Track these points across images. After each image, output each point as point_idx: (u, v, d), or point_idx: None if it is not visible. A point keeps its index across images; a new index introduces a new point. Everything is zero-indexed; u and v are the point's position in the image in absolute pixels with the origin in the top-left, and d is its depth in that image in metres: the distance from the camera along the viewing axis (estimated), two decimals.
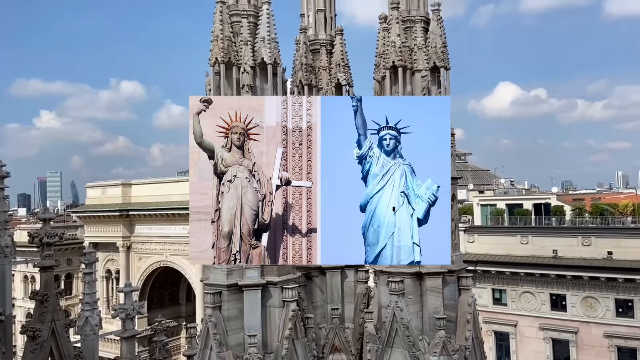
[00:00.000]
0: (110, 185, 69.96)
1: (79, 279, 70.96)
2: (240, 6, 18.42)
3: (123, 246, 66.67)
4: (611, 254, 46.13)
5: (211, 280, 17.36)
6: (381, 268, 18.63)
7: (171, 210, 61.56)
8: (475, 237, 51.46)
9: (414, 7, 19.69)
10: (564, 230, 51.82)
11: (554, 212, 55.89)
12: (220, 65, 17.51)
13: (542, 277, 48.31)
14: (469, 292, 19.02)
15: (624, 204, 60.64)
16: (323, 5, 23.15)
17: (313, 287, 21.40)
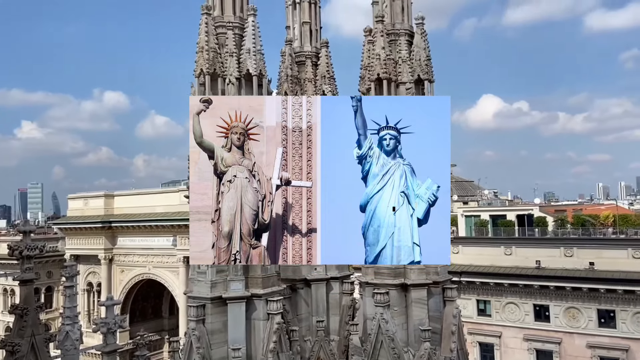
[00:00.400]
0: (92, 197, 69.21)
1: (59, 292, 70.04)
2: (225, 18, 18.52)
3: (105, 258, 65.88)
4: (593, 265, 46.53)
5: (195, 293, 17.17)
6: (366, 280, 18.72)
7: (155, 221, 61.02)
8: (460, 248, 51.66)
9: (398, 21, 19.96)
10: (547, 241, 52.18)
11: (536, 223, 56.36)
12: (206, 77, 17.51)
13: (526, 287, 48.52)
14: (454, 304, 19.10)
15: (605, 215, 61.30)
16: (308, 17, 23.34)
17: (298, 299, 21.34)
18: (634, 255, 46.09)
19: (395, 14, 19.96)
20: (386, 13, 19.85)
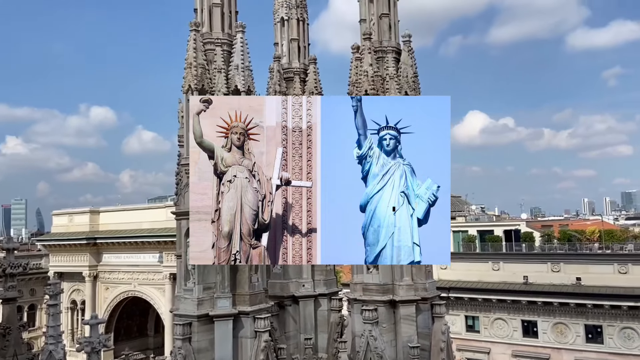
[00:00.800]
0: (77, 213, 68.64)
1: (42, 310, 69.14)
2: (214, 34, 18.59)
3: (89, 276, 65.22)
4: (580, 280, 46.94)
5: (181, 310, 16.93)
6: (354, 296, 18.72)
7: (140, 237, 60.61)
8: None
9: (385, 38, 20.24)
10: (534, 256, 52.50)
11: (523, 238, 56.71)
12: (194, 92, 17.41)
13: (514, 303, 48.74)
14: (443, 320, 19.11)
15: (591, 230, 61.95)
16: (297, 34, 23.50)
17: (286, 317, 21.23)
18: (620, 271, 46.56)
19: (383, 31, 20.25)
20: (374, 31, 20.17)
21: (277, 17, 23.67)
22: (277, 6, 23.78)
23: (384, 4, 20.36)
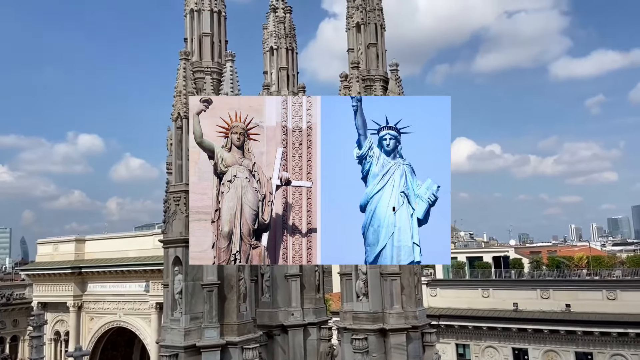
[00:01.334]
0: (62, 241, 67.61)
1: (25, 341, 67.77)
2: (204, 63, 18.86)
3: (74, 306, 63.97)
4: (569, 307, 46.95)
5: (167, 341, 16.74)
6: (344, 325, 18.62)
7: (127, 266, 59.83)
8: (438, 290, 51.72)
9: (373, 67, 20.64)
10: (523, 283, 52.65)
11: (512, 264, 56.91)
12: (183, 120, 17.58)
13: (504, 330, 48.55)
14: (433, 349, 19.09)
15: (579, 256, 62.31)
16: (285, 63, 23.84)
17: (275, 347, 21.05)
18: (609, 297, 46.66)
19: (371, 60, 20.60)
20: (361, 60, 20.52)
21: (267, 47, 24.07)
22: (267, 36, 24.21)
23: (372, 34, 20.78)
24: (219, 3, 19.57)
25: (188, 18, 19.37)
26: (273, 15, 24.29)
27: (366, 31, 20.71)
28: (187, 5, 19.47)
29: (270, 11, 24.51)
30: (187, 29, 19.35)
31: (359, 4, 20.97)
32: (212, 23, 19.22)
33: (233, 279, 17.15)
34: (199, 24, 19.17)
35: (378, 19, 21.03)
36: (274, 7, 24.47)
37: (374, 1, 21.20)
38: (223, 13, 19.68)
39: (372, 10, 20.96)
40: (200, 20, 19.18)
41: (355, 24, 20.77)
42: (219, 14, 19.49)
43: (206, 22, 19.15)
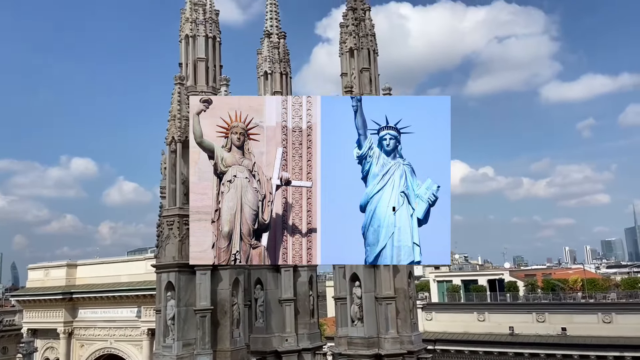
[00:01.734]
0: (53, 267, 66.81)
1: None
2: (198, 88, 18.89)
3: (64, 332, 62.99)
4: (565, 330, 46.69)
5: None
6: (339, 350, 18.35)
7: (118, 291, 59.17)
8: (433, 314, 51.32)
9: (366, 91, 20.58)
10: (519, 306, 52.32)
11: (507, 287, 56.68)
12: (177, 144, 17.50)
13: (501, 355, 48.09)
14: None
15: (574, 279, 62.18)
16: (279, 87, 23.83)
17: None
18: (604, 320, 46.48)
19: (364, 84, 20.59)
20: (355, 84, 20.46)
21: (261, 71, 24.11)
22: (261, 60, 24.29)
23: (365, 59, 20.81)
24: (213, 29, 19.77)
25: (183, 43, 19.54)
26: (267, 41, 24.50)
27: (359, 56, 20.78)
28: (182, 31, 19.69)
29: (265, 36, 24.73)
30: (182, 54, 19.51)
31: (352, 29, 21.12)
32: (207, 48, 19.39)
33: (226, 304, 16.90)
34: (194, 49, 19.32)
35: (371, 44, 21.17)
36: (268, 33, 24.70)
37: (367, 27, 21.37)
38: (218, 39, 19.89)
39: (365, 36, 21.10)
40: (195, 46, 19.33)
41: (349, 49, 20.88)
42: (213, 40, 19.69)
43: (201, 48, 19.31)
